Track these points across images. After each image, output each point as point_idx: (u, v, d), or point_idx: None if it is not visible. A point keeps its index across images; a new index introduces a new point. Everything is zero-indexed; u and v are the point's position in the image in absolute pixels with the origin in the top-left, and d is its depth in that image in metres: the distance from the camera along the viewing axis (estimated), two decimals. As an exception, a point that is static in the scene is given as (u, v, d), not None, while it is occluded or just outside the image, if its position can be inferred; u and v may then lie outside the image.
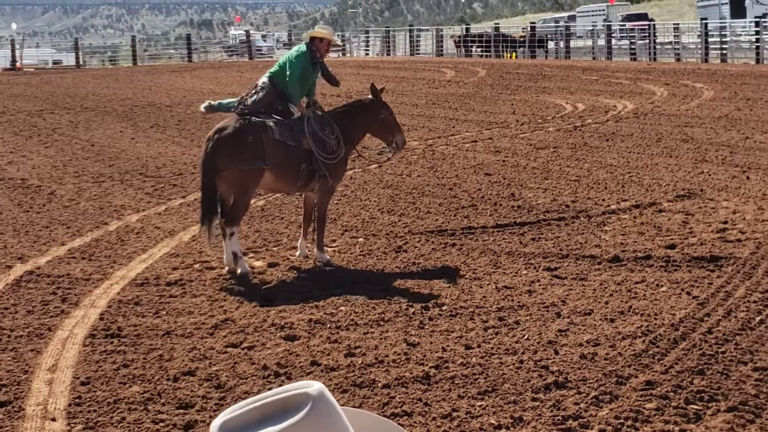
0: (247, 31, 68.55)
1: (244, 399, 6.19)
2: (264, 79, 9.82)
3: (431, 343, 7.04)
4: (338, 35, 66.87)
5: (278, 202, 12.67)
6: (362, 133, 10.08)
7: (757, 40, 37.78)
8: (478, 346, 6.92)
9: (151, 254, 10.08)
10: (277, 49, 70.46)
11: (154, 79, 40.08)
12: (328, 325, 7.54)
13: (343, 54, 62.31)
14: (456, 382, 6.27)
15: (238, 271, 9.05)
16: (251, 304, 8.21)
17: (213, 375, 6.54)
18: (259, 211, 12.16)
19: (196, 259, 9.77)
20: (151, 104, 28.17)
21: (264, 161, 9.07)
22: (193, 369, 6.65)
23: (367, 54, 62.08)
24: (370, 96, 10.12)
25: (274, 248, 10.22)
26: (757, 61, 36.97)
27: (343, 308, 7.98)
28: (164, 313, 8.00)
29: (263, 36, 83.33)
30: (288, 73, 9.60)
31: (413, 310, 7.85)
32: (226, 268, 9.19)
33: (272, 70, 9.83)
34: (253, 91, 9.70)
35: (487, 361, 6.61)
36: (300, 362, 6.72)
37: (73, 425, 5.81)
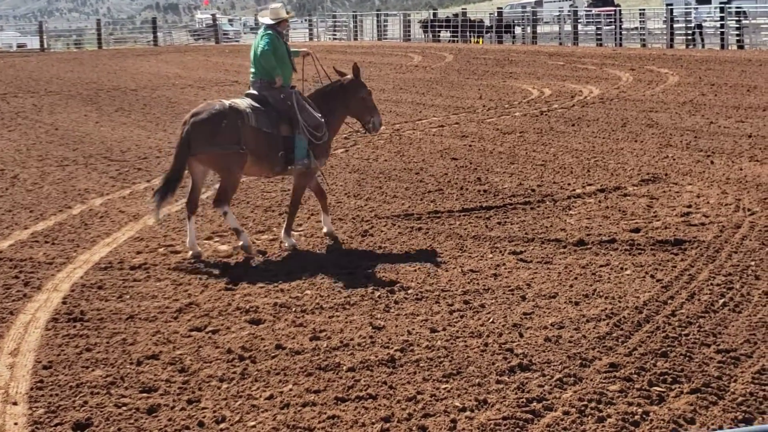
0: (213, 15, 68.24)
1: (208, 383, 6.11)
2: (251, 78, 9.96)
3: (396, 326, 7.04)
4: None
5: (244, 187, 12.59)
6: (344, 115, 10.23)
7: (722, 26, 37.98)
8: (444, 330, 6.92)
9: (115, 238, 10.01)
10: (244, 33, 70.19)
11: (119, 63, 39.77)
12: (294, 309, 7.52)
13: (310, 39, 62.10)
14: (421, 365, 6.27)
15: (240, 243, 9.18)
16: (216, 287, 8.18)
17: (177, 359, 6.51)
18: (225, 195, 12.08)
19: (161, 243, 9.71)
20: (116, 88, 27.96)
21: (240, 146, 9.14)
22: (157, 353, 6.61)
23: (334, 38, 61.89)
24: (349, 76, 10.18)
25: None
26: (722, 46, 37.17)
27: (308, 292, 7.96)
28: (128, 297, 7.95)
29: (230, 20, 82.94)
30: (265, 61, 9.65)
31: (379, 293, 7.85)
32: (190, 252, 9.19)
33: (253, 70, 9.92)
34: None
35: (452, 344, 6.61)
36: (265, 346, 6.70)
37: (34, 409, 5.76)
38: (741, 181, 11.67)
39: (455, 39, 51.33)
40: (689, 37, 41.27)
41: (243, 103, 9.51)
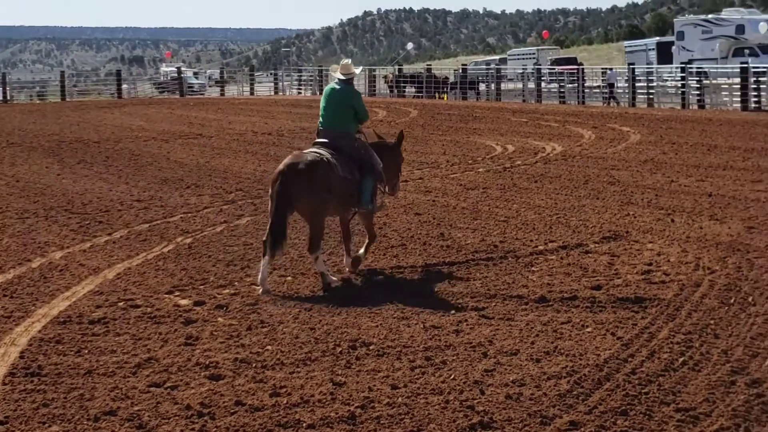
0: (178, 68, 68.34)
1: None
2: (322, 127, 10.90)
3: (357, 382, 7.00)
4: (272, 73, 67.02)
5: (206, 240, 12.56)
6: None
7: (683, 86, 38.54)
8: (405, 386, 6.89)
9: (75, 292, 9.91)
10: (209, 86, 70.32)
11: (82, 115, 39.70)
12: (254, 365, 7.45)
13: (276, 92, 62.35)
14: (382, 422, 6.24)
15: (324, 282, 9.91)
16: (176, 342, 8.09)
17: (135, 415, 6.42)
18: (186, 249, 12.04)
19: (120, 297, 9.62)
20: (78, 140, 27.88)
21: (330, 193, 10.09)
22: (115, 409, 6.52)
23: (299, 93, 62.17)
24: (392, 141, 11.66)
25: (201, 286, 10.10)
26: (683, 106, 37.70)
27: (269, 347, 7.91)
28: (86, 351, 7.85)
29: (195, 73, 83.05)
30: (359, 107, 10.82)
31: (340, 349, 7.81)
32: (260, 289, 9.72)
33: (326, 119, 10.83)
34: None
35: (413, 401, 6.58)
36: (224, 402, 6.63)
37: (-12, 467, 5.66)
38: (701, 240, 11.78)
39: (420, 95, 51.72)
40: (605, 97, 42.27)
41: (324, 152, 10.35)
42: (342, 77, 10.81)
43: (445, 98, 50.04)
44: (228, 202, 15.92)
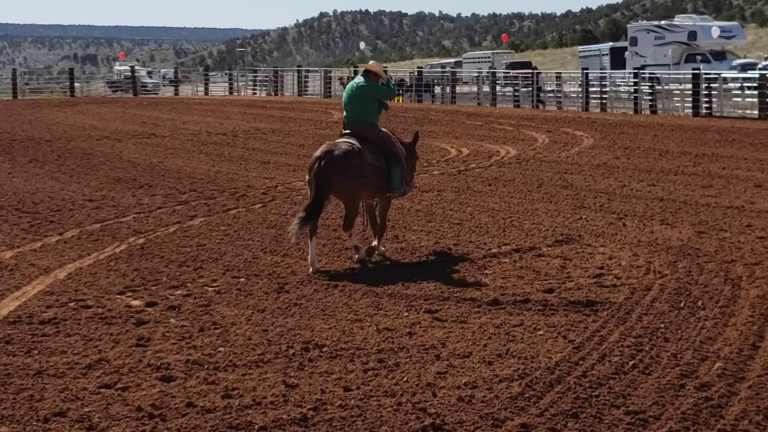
0: (132, 67, 67.81)
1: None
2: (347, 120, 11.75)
3: (310, 384, 6.99)
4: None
5: (159, 241, 12.49)
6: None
7: (636, 91, 38.90)
8: (357, 388, 6.89)
9: (25, 292, 9.81)
10: (163, 85, 69.83)
11: (34, 113, 39.27)
12: (206, 366, 7.42)
13: (231, 93, 62.08)
14: (334, 424, 6.23)
15: (356, 257, 11.17)
16: (127, 344, 8.04)
17: (85, 416, 6.37)
18: (139, 249, 11.96)
19: (71, 298, 9.54)
20: (30, 138, 27.59)
21: (362, 178, 11.06)
22: (65, 410, 6.46)
23: (254, 93, 61.96)
24: (408, 141, 12.38)
25: (153, 287, 10.04)
26: (636, 111, 38.05)
27: (221, 349, 7.88)
28: (36, 352, 7.77)
29: (149, 72, 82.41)
30: (382, 93, 11.84)
31: (293, 351, 7.79)
32: (311, 268, 10.69)
33: (351, 112, 11.70)
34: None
35: (365, 403, 6.59)
36: (175, 403, 6.59)
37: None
38: (652, 244, 11.90)
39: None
40: (536, 99, 42.93)
41: (354, 141, 11.25)
42: (366, 72, 11.90)
43: (401, 100, 50.10)
44: (181, 202, 15.83)
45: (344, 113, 11.79)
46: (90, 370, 7.33)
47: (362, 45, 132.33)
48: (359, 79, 11.84)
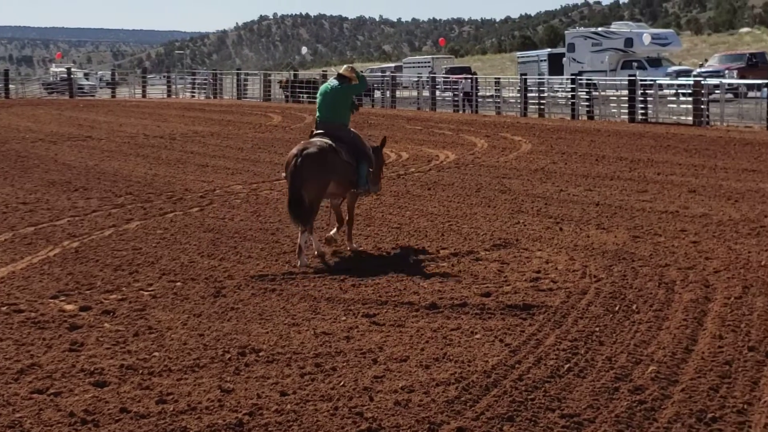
0: (68, 69, 66.91)
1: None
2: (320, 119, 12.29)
3: (246, 389, 6.94)
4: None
5: (94, 244, 12.33)
6: None
7: (573, 97, 39.27)
8: (294, 393, 6.86)
9: (-45, 296, 9.62)
10: (100, 87, 69.07)
11: (-32, 114, 38.60)
12: (140, 371, 7.33)
13: (169, 95, 61.57)
14: (270, 429, 6.19)
15: (298, 263, 11.20)
16: (60, 348, 7.92)
17: (16, 422, 6.26)
18: (73, 253, 11.80)
19: (4, 302, 9.38)
20: (-37, 140, 27.10)
21: (335, 175, 11.62)
22: (-5, 417, 6.35)
23: (193, 96, 61.53)
24: (376, 144, 12.87)
25: (87, 291, 9.90)
26: (573, 116, 38.42)
27: (156, 353, 7.79)
28: (-34, 358, 7.63)
29: (86, 74, 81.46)
30: (355, 89, 12.58)
31: (229, 356, 7.74)
32: (316, 251, 11.67)
33: (324, 113, 12.24)
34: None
35: (301, 407, 6.55)
36: (109, 409, 6.50)
37: None
38: (588, 248, 12.01)
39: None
40: (457, 104, 43.54)
41: (328, 140, 11.79)
42: (340, 76, 12.38)
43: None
44: (117, 205, 15.66)
45: (317, 114, 12.30)
46: (22, 375, 7.21)
47: (304, 50, 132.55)
48: (333, 82, 12.35)
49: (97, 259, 11.46)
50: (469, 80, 44.76)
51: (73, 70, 69.50)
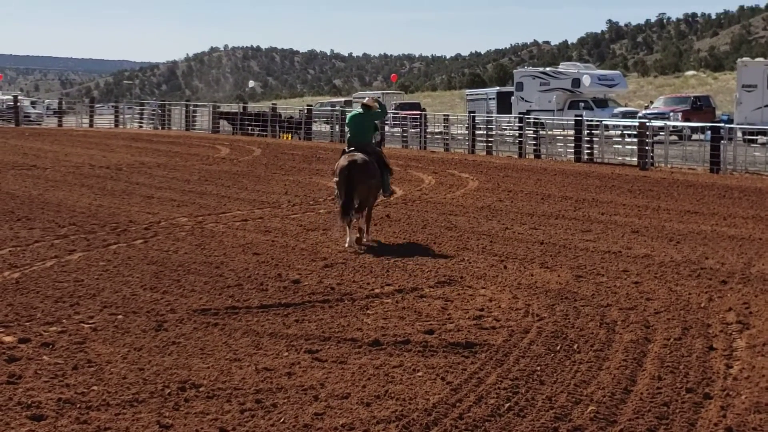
0: (15, 96, 66.27)
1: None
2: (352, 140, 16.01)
3: (185, 425, 6.89)
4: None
5: (35, 275, 12.19)
6: None
7: (521, 135, 39.63)
8: (233, 429, 6.82)
9: None
10: (47, 116, 68.47)
11: None
12: (78, 405, 7.25)
13: (116, 125, 61.20)
14: (208, 466, 6.14)
15: (347, 240, 15.13)
16: (-4, 381, 7.80)
17: (-52, 458, 6.16)
18: (14, 283, 11.65)
19: (-60, 333, 9.23)
20: None
21: (375, 179, 15.30)
22: (-74, 451, 6.24)
23: (141, 127, 61.19)
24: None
25: (27, 323, 9.78)
26: (520, 155, 38.74)
27: (95, 387, 7.70)
28: None
29: (32, 102, 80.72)
30: (377, 115, 16.49)
31: (169, 391, 7.67)
32: (349, 247, 14.84)
33: (354, 135, 16.03)
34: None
35: (241, 444, 6.51)
36: (44, 445, 6.41)
37: None
38: (531, 287, 12.09)
39: (264, 133, 51.63)
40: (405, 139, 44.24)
41: (362, 155, 15.28)
42: (364, 105, 16.18)
43: (289, 137, 50.08)
44: (60, 236, 15.50)
45: (348, 135, 16.15)
46: (-44, 409, 7.09)
47: (251, 83, 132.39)
48: (359, 110, 16.22)
49: (37, 291, 11.33)
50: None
51: (20, 97, 68.88)
